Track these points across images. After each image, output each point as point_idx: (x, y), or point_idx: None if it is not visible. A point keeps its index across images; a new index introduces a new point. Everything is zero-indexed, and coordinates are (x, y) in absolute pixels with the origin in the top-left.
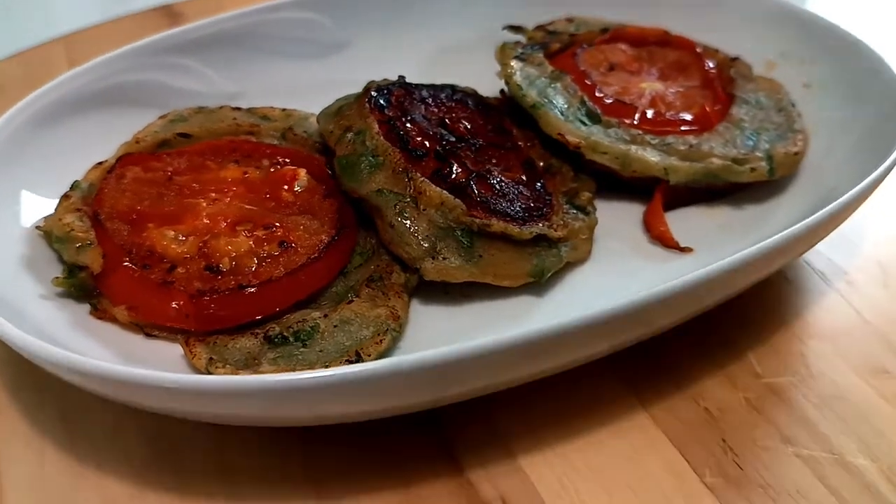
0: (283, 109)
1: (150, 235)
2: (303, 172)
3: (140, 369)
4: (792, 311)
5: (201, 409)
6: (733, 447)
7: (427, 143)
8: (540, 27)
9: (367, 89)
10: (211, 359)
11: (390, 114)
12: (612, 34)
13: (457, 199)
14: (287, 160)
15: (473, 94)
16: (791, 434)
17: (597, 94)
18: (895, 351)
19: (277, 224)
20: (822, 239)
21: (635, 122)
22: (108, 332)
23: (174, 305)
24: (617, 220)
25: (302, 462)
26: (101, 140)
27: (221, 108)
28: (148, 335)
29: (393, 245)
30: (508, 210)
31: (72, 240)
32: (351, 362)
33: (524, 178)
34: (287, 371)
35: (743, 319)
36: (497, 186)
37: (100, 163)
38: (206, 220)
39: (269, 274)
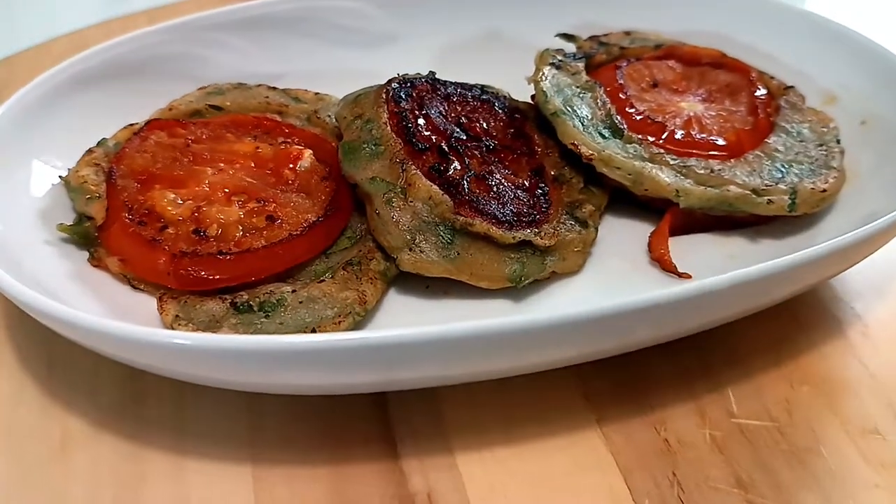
0: (316, 93)
1: (153, 195)
2: (307, 153)
3: (88, 316)
4: (790, 352)
5: (135, 357)
6: (682, 482)
7: (434, 138)
8: (593, 37)
9: (389, 81)
10: (177, 316)
11: (406, 106)
12: (665, 51)
13: (445, 195)
14: (300, 141)
15: (502, 97)
16: (749, 479)
17: (627, 110)
18: (892, 410)
19: (270, 199)
20: (831, 274)
21: (660, 141)
22: (100, 284)
23: (159, 262)
24: (624, 236)
25: (247, 426)
26: (140, 105)
27: (259, 86)
28: (134, 288)
29: (377, 233)
30: (497, 212)
31: (83, 191)
32: None
33: (527, 183)
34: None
35: (732, 352)
36: (494, 188)
37: (132, 124)
38: (206, 188)
39: (249, 244)
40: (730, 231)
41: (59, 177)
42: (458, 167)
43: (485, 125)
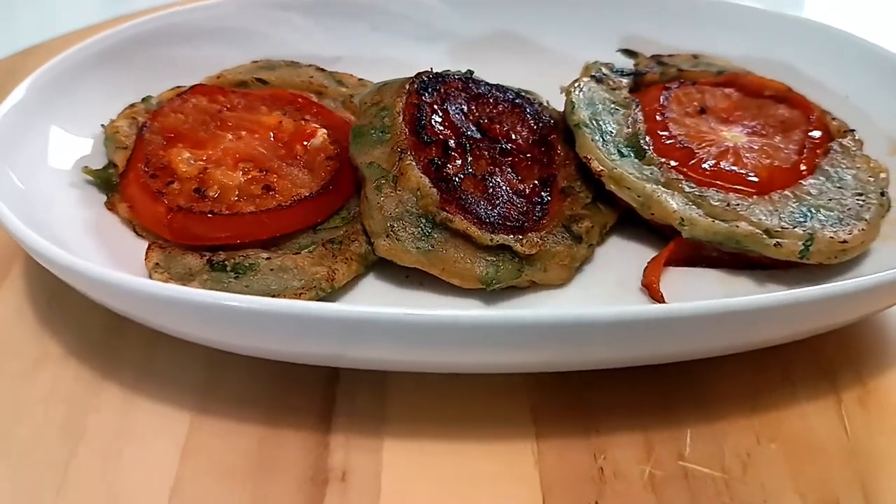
0: (360, 80)
1: (171, 152)
2: (321, 132)
3: (62, 254)
4: (768, 403)
5: (92, 294)
6: None
7: (443, 133)
8: (656, 56)
9: (418, 73)
10: (157, 264)
11: (427, 99)
12: (726, 78)
13: (433, 189)
14: (322, 121)
15: (536, 103)
16: None
17: (659, 132)
18: (863, 490)
19: (273, 170)
20: (825, 324)
21: (683, 168)
22: (110, 231)
23: (158, 213)
24: (627, 258)
25: (203, 377)
26: (194, 71)
27: (309, 66)
28: (137, 234)
29: (363, 216)
30: (483, 213)
31: (114, 140)
32: None
33: (528, 190)
34: None
35: (703, 391)
36: (490, 189)
37: (179, 87)
38: (220, 152)
39: (240, 208)
40: (741, 271)
41: (101, 125)
42: (458, 164)
43: (507, 128)
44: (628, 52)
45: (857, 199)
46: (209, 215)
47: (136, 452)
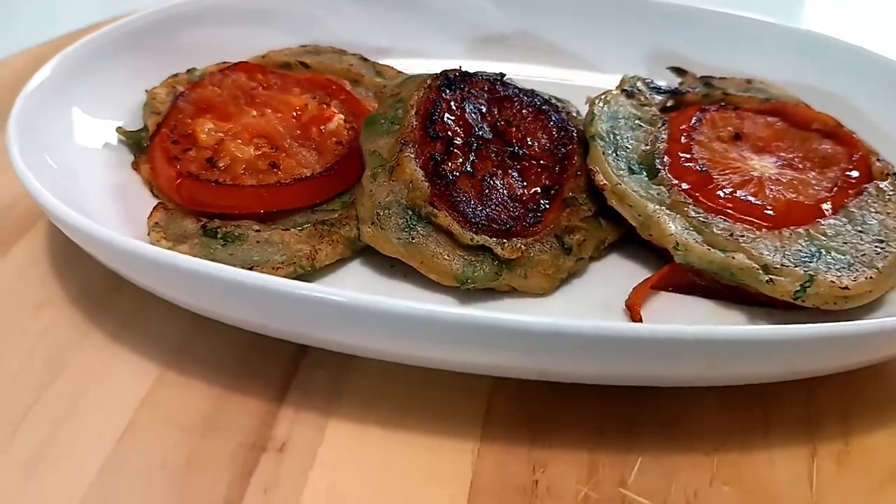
0: (399, 72)
1: (197, 122)
2: (337, 118)
3: (65, 210)
4: (734, 444)
5: (91, 251)
6: None
7: (452, 130)
8: (705, 77)
9: (444, 71)
10: (157, 223)
11: (445, 96)
12: (772, 106)
13: (425, 182)
14: (346, 108)
15: (563, 112)
16: None
17: (680, 153)
18: None
19: (283, 148)
20: (801, 370)
21: (694, 192)
22: (131, 193)
23: (171, 176)
24: (621, 276)
25: (180, 336)
26: (242, 48)
27: (354, 54)
28: (153, 195)
29: (356, 202)
30: (471, 212)
31: (150, 105)
32: None
33: (527, 195)
34: (202, 258)
35: (670, 420)
36: (485, 190)
37: (224, 63)
38: (240, 126)
39: (242, 181)
40: (738, 306)
41: (146, 90)
42: (458, 162)
43: (525, 133)
44: (677, 71)
45: (876, 246)
46: (213, 184)
47: (102, 392)
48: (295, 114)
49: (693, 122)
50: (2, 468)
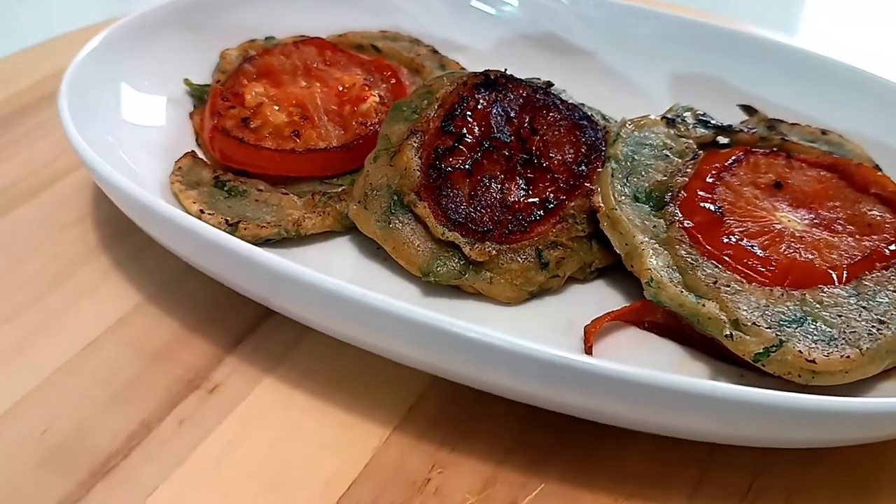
0: (463, 69)
1: (250, 84)
2: (371, 100)
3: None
4: (645, 493)
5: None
6: None
7: (468, 128)
8: (774, 119)
9: (486, 71)
10: (179, 168)
11: (477, 96)
12: (833, 161)
13: (418, 172)
14: (391, 94)
15: (599, 129)
16: None
17: (699, 191)
18: None
19: (312, 119)
20: (743, 436)
21: (698, 233)
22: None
23: (210, 129)
24: (600, 301)
25: (170, 279)
26: (330, 27)
27: (428, 45)
28: (197, 144)
29: (356, 180)
30: (451, 208)
31: (220, 65)
32: (229, 224)
33: (522, 203)
34: (200, 204)
35: (589, 453)
36: (478, 190)
37: (303, 36)
38: (284, 94)
39: (262, 143)
40: (712, 359)
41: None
42: (460, 159)
43: (548, 144)
44: (746, 109)
45: (872, 326)
46: (237, 141)
47: (86, 308)
48: (340, 90)
49: (730, 161)
50: None
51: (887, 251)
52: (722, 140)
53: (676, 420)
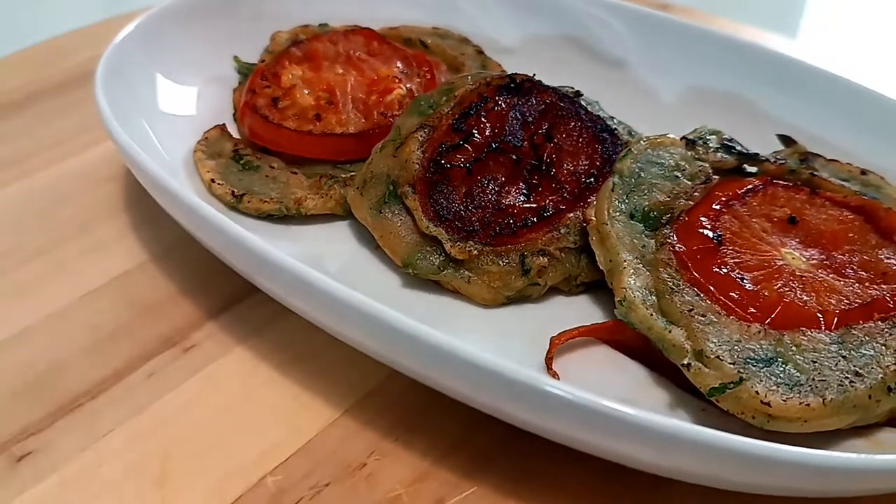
0: (503, 71)
1: (291, 67)
2: (396, 92)
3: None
4: None
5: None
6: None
7: (479, 128)
8: (810, 153)
9: (513, 74)
10: (206, 139)
11: (497, 98)
12: (860, 203)
13: (417, 165)
14: (423, 89)
15: (620, 144)
16: None
17: (702, 216)
18: None
19: (336, 105)
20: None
21: (687, 258)
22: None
23: (243, 104)
24: (582, 315)
25: (174, 243)
26: (385, 19)
27: (475, 46)
28: (234, 119)
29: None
30: (442, 204)
31: (269, 48)
32: (234, 196)
33: (517, 208)
34: (213, 174)
35: (535, 475)
36: (474, 189)
37: (355, 26)
38: (318, 78)
39: (284, 123)
40: (679, 388)
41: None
42: (464, 157)
43: (562, 153)
44: (784, 139)
45: (846, 377)
46: (262, 119)
47: (97, 260)
48: (372, 79)
49: (744, 190)
50: None
51: (891, 303)
52: (750, 168)
53: (609, 446)
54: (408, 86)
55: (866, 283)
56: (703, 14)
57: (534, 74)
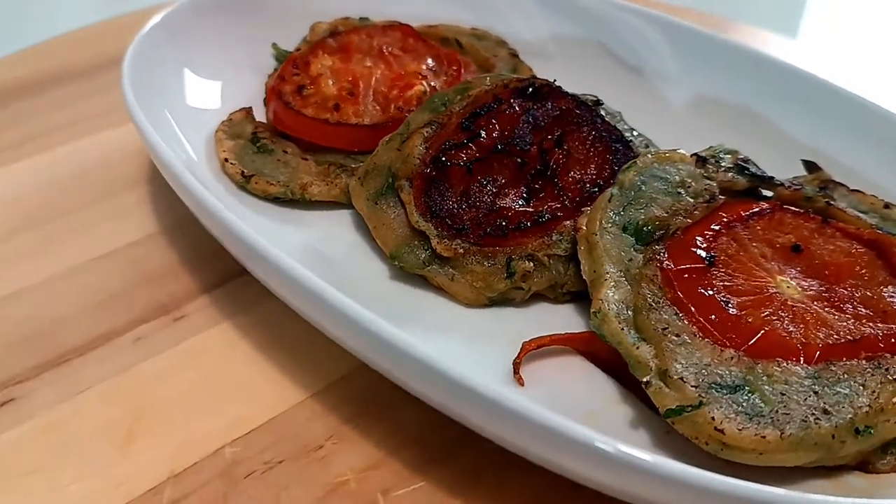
0: (533, 76)
1: (323, 57)
2: (416, 89)
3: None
4: None
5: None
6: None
7: (488, 129)
8: (832, 181)
9: (533, 79)
10: (231, 120)
11: (513, 101)
12: (874, 237)
13: (417, 160)
14: (445, 86)
15: (632, 154)
16: None
17: (697, 235)
18: None
19: (357, 97)
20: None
21: (673, 277)
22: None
23: (271, 89)
24: (563, 324)
25: (186, 220)
26: (427, 16)
27: (511, 49)
28: (264, 103)
29: None
30: (436, 200)
31: (307, 38)
32: (244, 176)
33: (511, 211)
34: (228, 153)
35: (480, 468)
36: (471, 189)
37: (397, 22)
38: (347, 69)
39: (303, 110)
40: (648, 407)
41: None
42: (466, 155)
43: (570, 160)
44: (809, 165)
45: (812, 413)
46: (284, 105)
47: (112, 226)
48: (398, 74)
49: (749, 212)
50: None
51: (882, 342)
52: (767, 192)
53: (554, 461)
54: (431, 83)
55: (863, 320)
56: (702, 14)
57: (554, 80)
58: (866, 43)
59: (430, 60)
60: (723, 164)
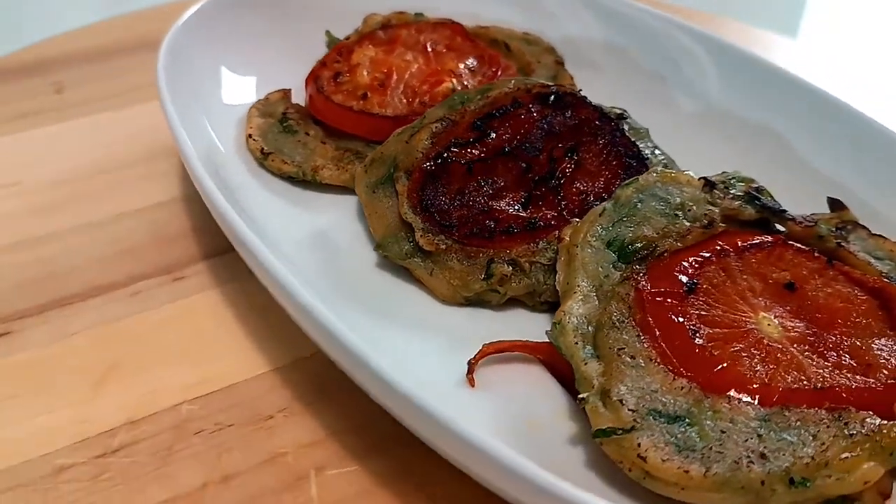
0: (572, 86)
1: (366, 47)
2: (445, 86)
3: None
4: None
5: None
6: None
7: (498, 132)
8: (853, 223)
9: (553, 85)
10: (267, 99)
11: (532, 107)
12: (880, 286)
13: (420, 154)
14: (477, 86)
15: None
16: None
17: (683, 261)
18: None
19: (388, 88)
20: None
21: (646, 302)
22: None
23: (310, 74)
24: (535, 329)
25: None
26: (483, 16)
27: (557, 56)
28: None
29: None
30: (429, 194)
31: (360, 28)
32: (262, 153)
33: (504, 214)
34: (254, 130)
35: (428, 472)
36: (467, 187)
37: (449, 21)
38: (385, 61)
39: (333, 95)
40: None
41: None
42: (471, 155)
43: (579, 170)
44: (833, 203)
45: (747, 455)
46: (318, 90)
47: (142, 186)
48: (434, 70)
49: (746, 243)
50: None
51: (850, 395)
52: (781, 228)
53: (469, 470)
54: (464, 82)
55: (843, 370)
56: (699, 13)
57: (580, 90)
58: (866, 43)
59: (471, 60)
60: (732, 191)
